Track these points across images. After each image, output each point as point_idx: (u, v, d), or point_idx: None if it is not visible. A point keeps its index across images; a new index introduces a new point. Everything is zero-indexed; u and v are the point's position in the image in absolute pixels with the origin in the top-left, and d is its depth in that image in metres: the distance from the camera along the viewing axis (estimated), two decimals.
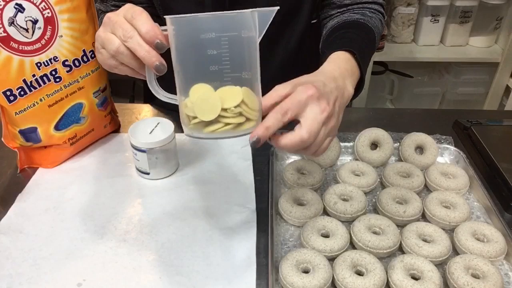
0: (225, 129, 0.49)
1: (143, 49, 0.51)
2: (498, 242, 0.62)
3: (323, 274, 0.57)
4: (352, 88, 0.62)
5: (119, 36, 0.52)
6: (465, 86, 2.05)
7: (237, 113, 0.49)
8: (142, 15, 0.51)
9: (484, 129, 0.87)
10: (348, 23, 0.75)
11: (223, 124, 0.49)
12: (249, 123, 0.50)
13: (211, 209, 0.72)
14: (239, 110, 0.49)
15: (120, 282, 0.60)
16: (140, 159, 0.76)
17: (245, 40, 0.49)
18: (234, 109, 0.48)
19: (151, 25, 0.51)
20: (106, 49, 0.54)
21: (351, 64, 0.64)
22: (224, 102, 0.48)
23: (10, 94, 0.71)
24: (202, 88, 0.49)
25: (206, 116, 0.48)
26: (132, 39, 0.51)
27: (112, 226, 0.69)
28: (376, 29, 0.76)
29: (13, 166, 0.81)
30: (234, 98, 0.48)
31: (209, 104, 0.48)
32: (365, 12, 0.77)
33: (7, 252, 0.64)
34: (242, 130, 0.50)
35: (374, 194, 0.75)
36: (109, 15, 0.54)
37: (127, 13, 0.52)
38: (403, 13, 1.85)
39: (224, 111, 0.48)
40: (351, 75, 0.62)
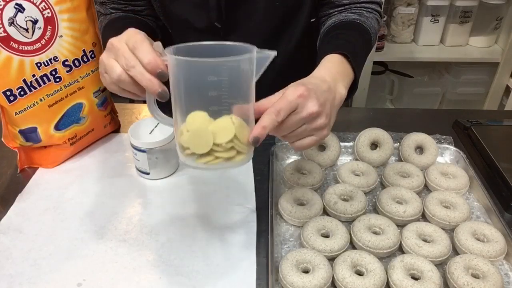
0: (216, 162, 0.51)
1: (145, 79, 0.52)
2: (498, 242, 0.62)
3: (323, 274, 0.57)
4: (345, 89, 0.62)
5: (122, 64, 0.53)
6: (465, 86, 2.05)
7: (228, 148, 0.51)
8: (143, 44, 0.52)
9: (484, 129, 0.87)
10: (344, 24, 0.76)
11: (214, 157, 0.51)
12: (239, 156, 0.52)
13: (211, 209, 0.72)
14: (230, 145, 0.51)
15: (120, 282, 0.60)
16: (140, 159, 0.76)
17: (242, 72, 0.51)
18: (225, 144, 0.50)
19: (153, 55, 0.51)
20: (109, 76, 0.55)
21: (344, 66, 0.65)
22: (216, 137, 0.50)
23: (10, 94, 0.71)
24: (198, 117, 0.50)
25: (199, 149, 0.51)
26: (135, 68, 0.52)
27: (112, 226, 0.69)
28: (372, 29, 0.76)
29: (13, 166, 0.81)
30: (226, 134, 0.50)
31: (202, 138, 0.50)
32: (362, 12, 0.78)
33: (7, 252, 0.64)
34: (233, 163, 0.52)
35: (374, 194, 0.75)
36: (112, 41, 0.55)
37: (129, 41, 0.53)
38: (403, 13, 1.85)
39: (216, 145, 0.50)
40: (343, 77, 0.63)
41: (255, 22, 0.79)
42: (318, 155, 0.79)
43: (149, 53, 0.51)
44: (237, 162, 0.53)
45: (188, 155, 0.52)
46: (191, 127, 0.51)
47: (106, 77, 0.57)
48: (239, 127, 0.51)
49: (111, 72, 0.54)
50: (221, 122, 0.50)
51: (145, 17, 0.84)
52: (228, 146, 0.51)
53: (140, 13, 0.83)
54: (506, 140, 0.87)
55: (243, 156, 0.53)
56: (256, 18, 0.79)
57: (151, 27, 0.84)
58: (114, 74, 0.54)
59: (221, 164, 0.52)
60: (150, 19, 0.84)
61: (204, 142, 0.50)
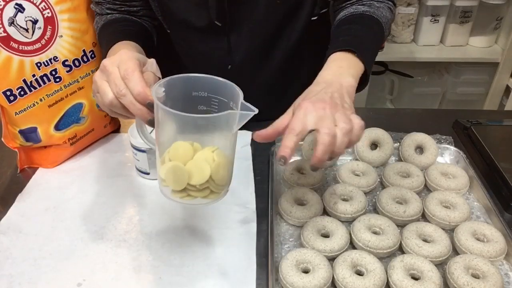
0: (189, 199, 0.53)
1: (136, 108, 0.54)
2: (498, 242, 0.62)
3: (323, 274, 0.57)
4: (352, 77, 0.63)
5: (113, 91, 0.55)
6: (465, 86, 2.05)
7: (202, 188, 0.52)
8: (134, 74, 0.54)
9: (484, 129, 0.87)
10: (354, 17, 0.76)
11: (187, 195, 0.53)
12: (213, 195, 0.54)
13: (211, 209, 0.72)
14: (205, 186, 0.52)
15: (120, 282, 0.60)
16: (140, 159, 0.76)
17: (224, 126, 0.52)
18: (199, 186, 0.52)
19: (142, 86, 0.53)
20: (101, 98, 0.57)
21: (349, 61, 0.65)
22: (191, 178, 0.51)
23: (10, 94, 0.71)
24: (181, 148, 0.52)
25: (174, 186, 0.53)
26: (126, 97, 0.54)
27: (112, 226, 0.69)
28: (384, 19, 0.76)
29: (13, 166, 0.81)
30: (201, 176, 0.51)
31: (178, 176, 0.52)
32: (372, 3, 0.78)
33: (7, 252, 0.64)
34: (206, 201, 0.54)
35: (374, 194, 0.75)
36: (105, 64, 0.56)
37: (121, 68, 0.55)
38: (403, 13, 1.85)
39: (192, 185, 0.52)
40: (347, 69, 0.64)
41: (256, 20, 0.79)
42: None
43: (139, 84, 0.53)
44: (211, 201, 0.54)
45: (165, 186, 0.54)
46: (173, 158, 0.52)
47: (98, 97, 0.58)
48: (216, 167, 0.52)
49: (103, 96, 0.56)
50: (199, 160, 0.52)
51: (140, 18, 0.83)
52: (202, 187, 0.52)
53: (135, 14, 0.83)
54: (506, 140, 0.87)
55: (217, 196, 0.55)
56: (257, 16, 0.79)
57: (147, 28, 0.83)
58: (106, 99, 0.55)
59: (195, 201, 0.54)
60: (145, 19, 0.84)
61: (179, 180, 0.52)
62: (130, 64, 0.55)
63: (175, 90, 0.54)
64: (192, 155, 0.52)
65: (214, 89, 0.54)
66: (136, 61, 0.56)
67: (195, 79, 0.54)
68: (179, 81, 0.54)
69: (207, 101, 0.55)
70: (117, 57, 0.57)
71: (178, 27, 0.84)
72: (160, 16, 0.83)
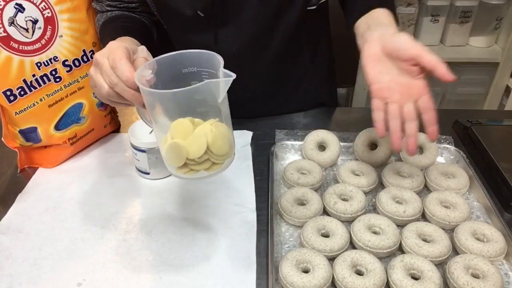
0: (192, 173, 0.54)
1: (129, 94, 0.56)
2: (498, 242, 0.62)
3: (323, 274, 0.57)
4: None
5: (106, 81, 0.57)
6: (465, 86, 2.05)
7: (201, 161, 0.53)
8: (122, 62, 0.55)
9: (484, 129, 0.87)
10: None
11: (190, 169, 0.54)
12: (215, 166, 0.55)
13: (211, 209, 0.72)
14: (204, 158, 0.53)
15: (120, 282, 0.60)
16: (140, 159, 0.76)
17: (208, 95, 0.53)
18: (198, 159, 0.53)
19: (130, 72, 0.55)
20: (99, 91, 0.59)
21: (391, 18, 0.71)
22: (189, 152, 0.52)
23: (10, 94, 0.71)
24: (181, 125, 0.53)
25: (174, 163, 0.54)
26: (118, 85, 0.56)
27: (112, 226, 0.69)
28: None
29: (13, 166, 0.81)
30: (198, 149, 0.52)
31: (176, 153, 0.53)
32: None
33: (7, 252, 0.64)
34: (208, 173, 0.55)
35: (374, 194, 0.75)
36: (96, 57, 0.59)
37: (110, 57, 0.57)
38: (403, 13, 1.85)
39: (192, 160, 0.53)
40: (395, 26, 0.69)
41: (249, 10, 0.79)
42: (318, 155, 0.79)
43: (126, 70, 0.55)
44: (213, 172, 0.55)
45: (169, 164, 0.55)
46: (174, 136, 0.53)
47: (96, 90, 0.60)
48: (213, 138, 0.52)
49: (99, 88, 0.58)
50: (198, 134, 0.52)
51: (140, 14, 0.84)
52: (200, 160, 0.53)
53: (134, 10, 0.83)
54: (506, 140, 0.87)
55: (218, 166, 0.55)
56: (250, 6, 0.79)
57: (146, 24, 0.84)
58: (103, 90, 0.58)
59: (199, 174, 0.54)
60: (144, 15, 0.85)
61: (178, 156, 0.53)
62: (117, 53, 0.56)
63: (165, 70, 0.55)
64: (192, 130, 0.52)
65: (201, 62, 0.54)
66: (123, 49, 0.57)
67: (181, 55, 0.55)
68: (166, 61, 0.55)
69: (198, 75, 0.55)
70: (106, 49, 0.59)
71: (170, 18, 0.84)
72: (155, 11, 0.83)
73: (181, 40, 0.86)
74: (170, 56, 0.55)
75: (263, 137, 0.87)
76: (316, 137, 0.81)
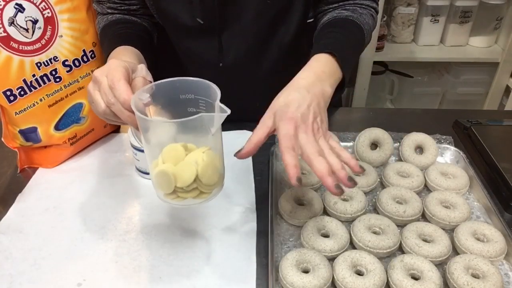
0: (180, 200, 0.55)
1: (124, 115, 0.56)
2: (498, 242, 0.62)
3: (323, 274, 0.57)
4: (331, 88, 0.64)
5: (103, 100, 0.57)
6: (465, 86, 2.05)
7: (190, 190, 0.53)
8: (120, 83, 0.56)
9: (484, 129, 0.87)
10: (336, 21, 0.77)
11: (177, 196, 0.54)
12: (203, 195, 0.55)
13: (211, 209, 0.72)
14: (193, 187, 0.53)
15: (120, 282, 0.60)
16: (140, 159, 0.76)
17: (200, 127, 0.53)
18: (186, 188, 0.53)
19: (128, 95, 0.55)
20: (95, 108, 0.59)
21: (331, 65, 0.66)
22: (177, 180, 0.52)
23: (10, 94, 0.71)
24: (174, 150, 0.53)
25: (163, 189, 0.54)
26: (115, 105, 0.56)
27: (112, 226, 0.69)
28: (366, 26, 0.77)
29: (13, 166, 0.81)
30: (187, 178, 0.52)
31: (165, 180, 0.53)
32: (356, 8, 0.79)
33: (7, 252, 0.64)
34: (196, 201, 0.55)
35: (374, 194, 0.75)
36: (95, 74, 0.59)
37: (108, 78, 0.57)
38: (403, 13, 1.85)
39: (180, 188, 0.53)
40: (329, 76, 0.65)
41: (247, 19, 0.80)
42: None
43: (123, 92, 0.55)
44: (202, 201, 0.56)
45: (158, 189, 0.55)
46: (165, 160, 0.53)
47: (93, 106, 0.60)
48: (204, 168, 0.53)
49: (96, 106, 0.58)
50: (188, 162, 0.52)
51: (140, 17, 0.84)
52: (189, 188, 0.53)
53: (135, 13, 0.83)
54: (506, 140, 0.87)
55: (206, 196, 0.56)
56: (248, 15, 0.79)
57: (146, 28, 0.84)
58: (100, 108, 0.58)
59: (186, 202, 0.55)
60: (145, 18, 0.85)
61: (167, 184, 0.53)
62: (115, 74, 0.56)
63: (163, 94, 0.55)
64: (184, 156, 0.53)
65: (199, 91, 0.55)
66: (122, 69, 0.57)
67: (180, 82, 0.56)
68: (164, 85, 0.56)
69: (195, 103, 0.56)
70: (106, 67, 0.59)
71: (171, 25, 0.84)
72: (156, 14, 0.83)
73: (181, 45, 0.86)
74: (169, 82, 0.56)
75: None
76: None
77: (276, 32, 0.83)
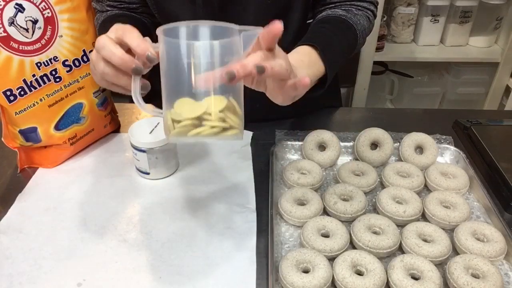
0: (209, 132, 0.50)
1: (116, 57, 0.52)
2: (498, 242, 0.62)
3: (323, 274, 0.57)
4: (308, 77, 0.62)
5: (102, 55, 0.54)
6: (465, 86, 2.05)
7: (221, 118, 0.50)
8: (133, 31, 0.53)
9: (484, 129, 0.87)
10: (328, 19, 0.77)
11: (208, 127, 0.50)
12: (232, 130, 0.51)
13: (211, 209, 0.72)
14: (223, 116, 0.50)
15: (120, 282, 0.60)
16: (140, 159, 0.76)
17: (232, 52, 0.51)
18: (218, 113, 0.50)
19: (141, 39, 0.52)
20: (95, 71, 0.57)
21: (311, 57, 0.65)
22: (208, 107, 0.50)
23: (10, 94, 0.71)
24: (187, 101, 0.50)
25: (191, 113, 0.50)
26: (104, 48, 0.53)
27: (112, 226, 0.69)
28: (359, 26, 0.77)
29: (13, 166, 0.81)
30: (218, 104, 0.50)
31: (194, 107, 0.50)
32: (351, 9, 0.79)
33: (7, 252, 0.64)
34: (225, 136, 0.51)
35: (374, 194, 0.75)
36: (98, 38, 0.56)
37: (118, 31, 0.54)
38: (403, 13, 1.85)
39: (209, 114, 0.50)
40: (307, 66, 0.63)
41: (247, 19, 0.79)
42: (318, 155, 0.79)
43: (137, 37, 0.52)
44: (230, 135, 0.52)
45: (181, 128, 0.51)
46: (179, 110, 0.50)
47: (95, 73, 0.58)
48: (231, 102, 0.51)
49: (96, 66, 0.55)
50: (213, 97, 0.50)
51: (140, 15, 0.84)
52: (220, 115, 0.50)
53: (135, 11, 0.83)
54: (506, 140, 0.87)
55: (235, 131, 0.52)
56: (248, 16, 0.79)
57: (146, 24, 0.84)
58: (99, 68, 0.55)
59: (214, 136, 0.51)
60: (145, 16, 0.85)
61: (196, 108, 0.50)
62: (127, 26, 0.54)
63: None
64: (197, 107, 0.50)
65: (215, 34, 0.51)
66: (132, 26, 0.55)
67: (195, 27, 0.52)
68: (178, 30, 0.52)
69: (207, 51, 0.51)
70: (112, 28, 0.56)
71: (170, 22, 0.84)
72: (156, 14, 0.83)
73: None
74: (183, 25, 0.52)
75: (263, 137, 0.87)
76: (316, 137, 0.81)
77: None
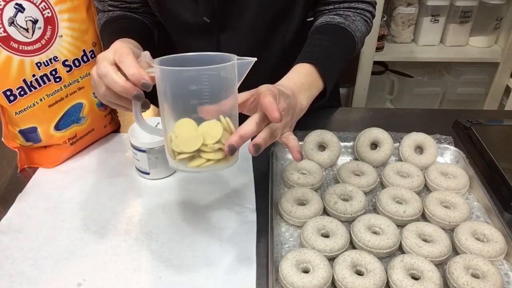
0: (207, 165, 0.53)
1: (118, 86, 0.54)
2: (498, 242, 0.62)
3: (323, 274, 0.57)
4: (307, 101, 0.65)
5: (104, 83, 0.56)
6: (465, 86, 2.05)
7: (216, 149, 0.53)
8: (128, 57, 0.55)
9: (484, 129, 0.87)
10: (326, 27, 0.77)
11: (205, 160, 0.53)
12: (228, 158, 0.54)
13: (211, 209, 0.72)
14: (218, 146, 0.53)
15: (120, 282, 0.60)
16: (140, 159, 0.76)
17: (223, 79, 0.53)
18: (213, 145, 0.52)
19: (136, 67, 0.54)
20: (97, 90, 0.59)
21: (311, 77, 0.67)
22: (205, 138, 0.52)
23: (10, 94, 0.71)
24: (186, 123, 0.53)
25: (188, 148, 0.53)
26: (107, 77, 0.55)
27: (112, 226, 0.69)
28: (358, 33, 0.78)
29: (13, 166, 0.81)
30: (214, 134, 0.52)
31: (191, 138, 0.52)
32: (348, 14, 0.79)
33: (7, 252, 0.64)
34: (222, 165, 0.54)
35: (374, 194, 0.75)
36: (98, 56, 0.58)
37: (116, 55, 0.56)
38: (403, 13, 1.85)
39: (205, 146, 0.52)
40: (308, 89, 0.65)
41: (248, 18, 0.80)
42: (318, 155, 0.79)
43: (133, 66, 0.54)
44: (227, 164, 0.55)
45: (180, 159, 0.54)
46: (179, 133, 0.53)
47: (97, 91, 0.60)
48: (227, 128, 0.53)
49: (98, 87, 0.57)
50: (209, 123, 0.52)
51: (141, 15, 0.84)
52: (216, 147, 0.52)
53: (136, 11, 0.83)
54: (506, 140, 0.87)
55: (232, 158, 0.54)
56: (249, 13, 0.79)
57: (147, 25, 0.84)
58: (101, 90, 0.57)
59: (212, 167, 0.54)
60: (146, 16, 0.85)
61: (193, 141, 0.52)
62: (124, 51, 0.56)
63: None
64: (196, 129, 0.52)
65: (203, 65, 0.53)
66: (129, 48, 0.57)
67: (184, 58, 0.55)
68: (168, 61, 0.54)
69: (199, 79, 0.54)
70: (111, 48, 0.58)
71: (173, 25, 0.84)
72: (157, 13, 0.83)
73: (181, 43, 0.86)
74: (173, 58, 0.55)
75: None
76: (316, 137, 0.81)
77: (277, 30, 0.83)
